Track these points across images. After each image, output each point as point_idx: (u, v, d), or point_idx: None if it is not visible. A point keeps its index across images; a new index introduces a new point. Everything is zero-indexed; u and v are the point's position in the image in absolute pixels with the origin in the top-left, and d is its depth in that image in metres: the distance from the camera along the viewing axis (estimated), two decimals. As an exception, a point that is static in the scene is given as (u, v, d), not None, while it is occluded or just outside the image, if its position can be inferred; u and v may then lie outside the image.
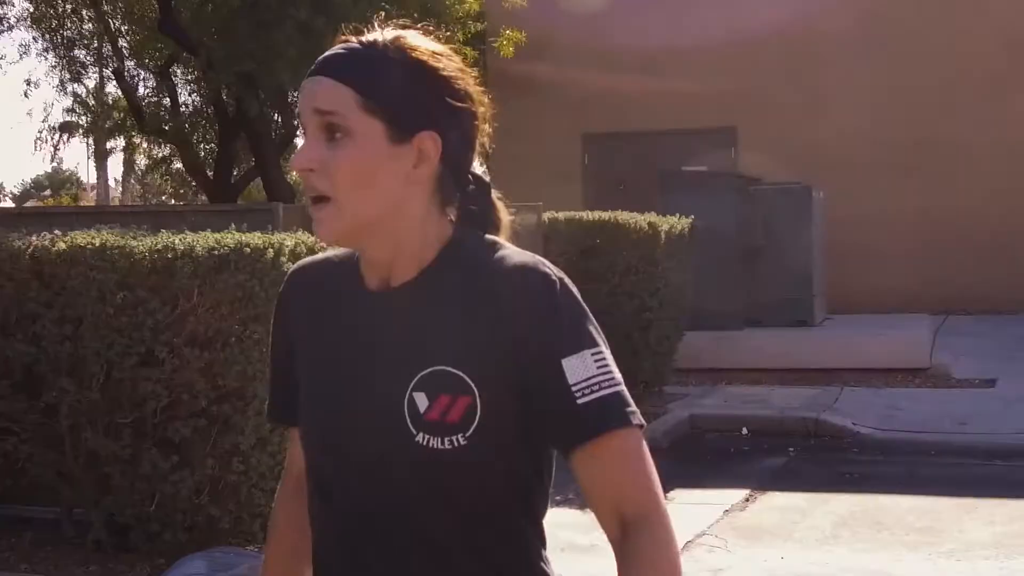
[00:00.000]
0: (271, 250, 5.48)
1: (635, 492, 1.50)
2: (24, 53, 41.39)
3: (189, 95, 18.61)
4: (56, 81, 17.95)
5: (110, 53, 17.53)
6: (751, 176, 14.17)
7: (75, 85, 18.37)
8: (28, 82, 36.80)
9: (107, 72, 18.62)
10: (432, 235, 1.58)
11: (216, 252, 5.41)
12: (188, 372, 5.41)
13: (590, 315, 1.55)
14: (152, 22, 15.98)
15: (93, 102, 19.96)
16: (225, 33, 11.51)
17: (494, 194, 1.67)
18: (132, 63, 17.70)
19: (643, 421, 1.53)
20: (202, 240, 5.46)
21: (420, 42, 1.58)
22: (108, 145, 21.88)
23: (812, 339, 12.73)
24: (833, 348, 12.39)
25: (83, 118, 20.01)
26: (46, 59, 18.63)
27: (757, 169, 14.75)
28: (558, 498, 7.56)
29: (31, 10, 17.57)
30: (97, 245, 5.42)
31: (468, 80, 1.60)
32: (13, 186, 63.85)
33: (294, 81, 11.17)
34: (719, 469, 8.76)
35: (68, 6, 17.46)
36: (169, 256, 5.37)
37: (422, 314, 1.55)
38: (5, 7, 17.24)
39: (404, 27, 1.62)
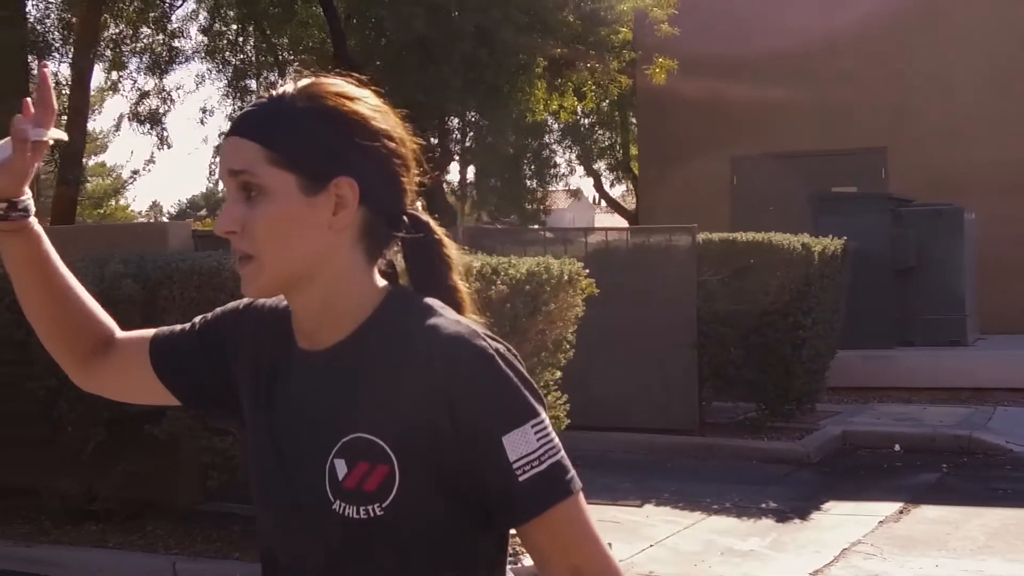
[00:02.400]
0: (461, 270, 6.01)
1: (589, 557, 1.47)
2: (200, 83, 44.14)
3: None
4: (228, 109, 18.90)
5: (278, 81, 18.49)
6: (902, 197, 14.31)
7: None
8: (203, 110, 38.92)
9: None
10: (361, 293, 1.53)
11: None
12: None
13: (530, 381, 1.48)
14: (317, 52, 16.88)
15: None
16: (395, 65, 12.21)
17: (439, 233, 1.61)
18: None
19: (580, 484, 1.48)
20: (397, 262, 6.03)
21: (332, 87, 1.53)
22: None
23: (964, 358, 12.82)
24: (986, 367, 12.48)
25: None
26: (218, 89, 19.69)
27: (906, 190, 14.86)
28: (715, 507, 7.95)
29: (205, 43, 18.70)
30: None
31: (388, 120, 1.55)
32: (170, 206, 66.44)
33: (457, 110, 11.80)
34: (872, 483, 9.02)
35: (240, 38, 18.53)
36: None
37: (347, 379, 1.50)
38: (182, 40, 18.38)
39: (320, 74, 1.58)
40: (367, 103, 1.54)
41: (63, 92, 16.03)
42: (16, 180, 1.64)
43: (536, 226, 20.20)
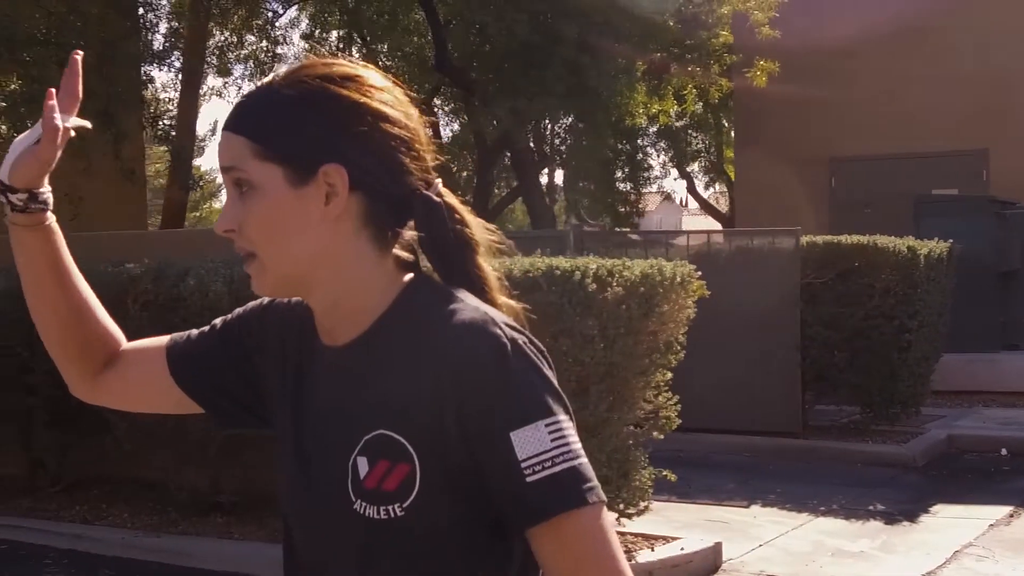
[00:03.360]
0: (578, 272, 6.16)
1: (592, 571, 1.34)
2: None
3: (444, 126, 19.78)
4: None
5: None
6: (1005, 199, 14.15)
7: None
8: None
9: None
10: (375, 286, 1.46)
11: (531, 274, 6.14)
12: (505, 379, 6.14)
13: (549, 379, 1.39)
14: (417, 59, 17.18)
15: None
16: (497, 71, 12.42)
17: (461, 212, 1.52)
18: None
19: (603, 497, 1.36)
20: (518, 264, 6.20)
21: (318, 70, 1.45)
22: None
23: (1071, 363, 12.67)
24: (1093, 372, 12.32)
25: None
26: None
27: (1008, 192, 14.69)
28: (822, 508, 7.99)
29: (307, 49, 19.09)
30: (429, 269, 6.22)
31: (384, 98, 1.46)
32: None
33: (559, 114, 11.98)
34: (980, 487, 8.99)
35: (340, 45, 18.88)
36: (490, 277, 6.13)
37: (367, 375, 1.44)
38: (285, 47, 18.82)
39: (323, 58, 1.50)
40: (358, 83, 1.45)
41: (172, 98, 16.53)
42: (41, 170, 1.56)
43: (628, 229, 20.27)
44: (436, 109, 18.62)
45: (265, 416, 1.62)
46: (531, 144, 16.31)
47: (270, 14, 18.02)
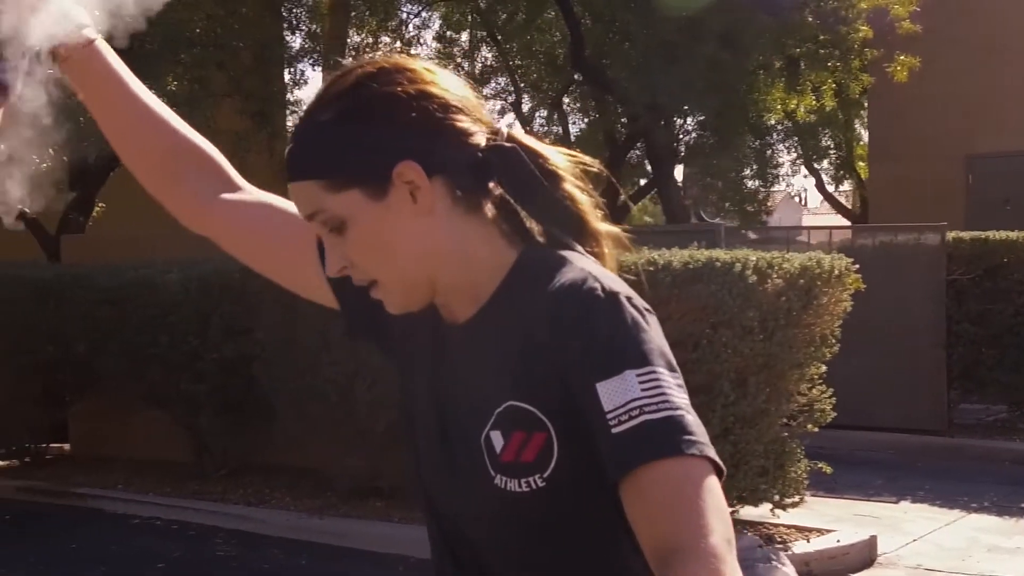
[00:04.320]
0: (738, 264, 6.25)
1: (671, 525, 1.21)
2: None
3: (572, 124, 19.92)
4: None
5: (509, 87, 19.12)
6: None
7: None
8: None
9: (505, 104, 20.23)
10: (485, 262, 1.43)
11: (691, 266, 6.25)
12: (663, 369, 6.25)
13: (649, 332, 1.31)
14: (547, 58, 17.36)
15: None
16: (638, 69, 12.52)
17: (539, 149, 1.45)
18: (527, 96, 19.18)
19: (708, 453, 1.24)
20: (678, 256, 6.32)
21: (343, 83, 1.41)
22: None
23: None
24: None
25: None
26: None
27: None
28: (973, 505, 7.93)
29: (440, 49, 19.43)
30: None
31: (412, 77, 1.40)
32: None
33: (700, 110, 12.06)
34: None
35: (473, 45, 19.18)
36: (651, 268, 6.26)
37: (489, 349, 1.41)
38: (418, 48, 19.16)
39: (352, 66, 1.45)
40: (386, 77, 1.40)
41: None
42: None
43: (745, 226, 20.17)
44: (565, 108, 18.81)
45: (385, 347, 1.60)
46: (666, 141, 16.34)
47: (404, 15, 18.39)
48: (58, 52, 1.56)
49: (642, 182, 21.68)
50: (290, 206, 1.59)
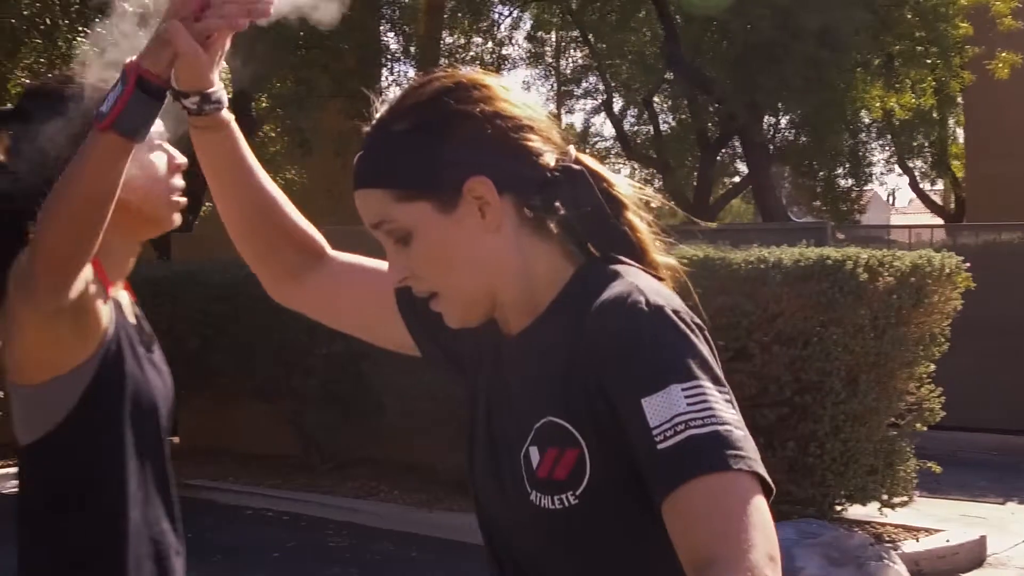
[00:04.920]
0: (849, 262, 6.26)
1: (710, 536, 1.19)
2: (526, 89, 45.83)
3: (663, 123, 19.89)
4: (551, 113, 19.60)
5: (599, 86, 19.19)
6: None
7: (568, 116, 20.09)
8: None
9: (595, 103, 20.30)
10: (546, 278, 1.43)
11: (801, 263, 6.27)
12: (775, 366, 6.30)
13: (695, 345, 1.29)
14: (638, 57, 17.37)
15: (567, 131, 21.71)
16: (735, 67, 12.52)
17: (605, 175, 1.46)
18: (618, 95, 19.23)
19: (753, 467, 1.22)
20: (788, 253, 6.34)
21: (419, 94, 1.42)
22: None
23: None
24: None
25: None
26: (541, 93, 20.58)
27: None
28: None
29: (530, 49, 19.55)
30: (702, 256, 6.43)
31: (491, 94, 1.40)
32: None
33: (798, 108, 12.03)
34: None
35: (563, 44, 19.27)
36: (762, 266, 6.29)
37: (538, 361, 1.41)
38: (510, 47, 19.32)
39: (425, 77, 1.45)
40: (463, 91, 1.39)
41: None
42: (201, 70, 1.51)
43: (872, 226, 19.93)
44: (656, 107, 18.80)
45: (459, 373, 1.60)
46: (763, 139, 16.28)
47: (496, 16, 18.55)
48: (195, 123, 1.58)
49: (731, 181, 21.63)
50: (375, 265, 1.65)
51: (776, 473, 6.41)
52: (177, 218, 2.03)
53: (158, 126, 1.92)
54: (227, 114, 1.61)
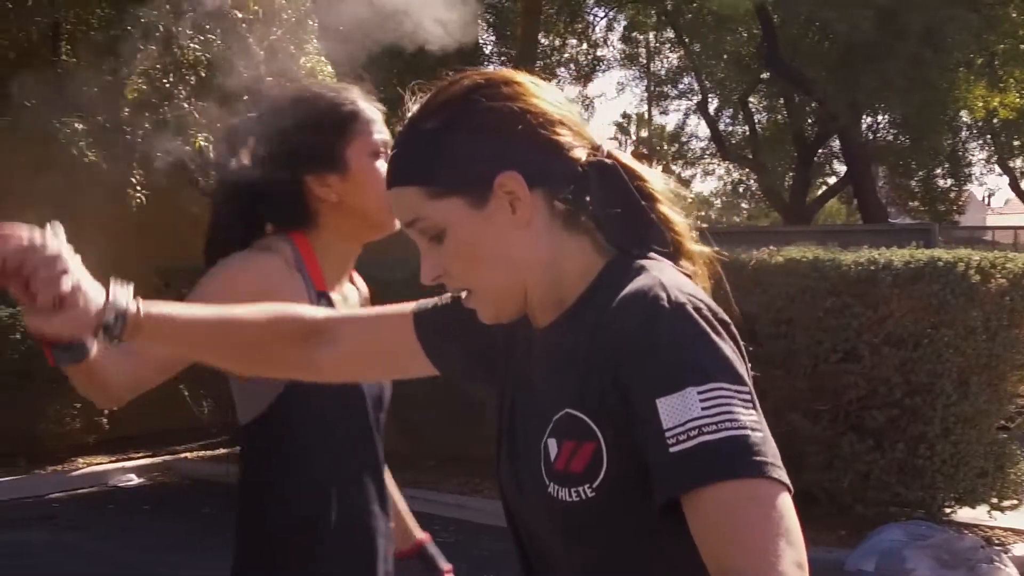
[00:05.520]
0: (961, 264, 6.24)
1: (732, 549, 1.18)
2: (620, 90, 45.78)
3: (758, 123, 19.78)
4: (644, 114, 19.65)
5: (694, 86, 19.18)
6: None
7: (663, 117, 20.07)
8: (624, 115, 40.30)
9: (690, 104, 20.27)
10: (576, 271, 1.43)
11: (912, 265, 6.26)
12: (885, 368, 6.30)
13: (716, 345, 1.27)
14: (735, 56, 17.33)
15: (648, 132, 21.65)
16: (837, 67, 12.46)
17: (637, 169, 1.45)
18: (713, 96, 19.18)
19: (769, 472, 1.20)
20: (898, 255, 6.34)
21: (448, 93, 1.42)
22: (687, 173, 23.63)
23: None
24: None
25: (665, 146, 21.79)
26: (635, 94, 20.58)
27: None
28: None
29: (626, 51, 19.61)
30: (811, 258, 6.45)
31: (521, 90, 1.41)
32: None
33: (901, 108, 11.94)
34: None
35: (657, 45, 19.29)
36: (872, 268, 6.29)
37: (559, 355, 1.41)
38: (605, 49, 19.39)
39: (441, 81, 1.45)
40: (492, 88, 1.40)
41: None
42: (68, 327, 1.52)
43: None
44: (751, 107, 18.73)
45: (494, 369, 1.59)
46: (864, 139, 16.14)
47: (591, 18, 18.63)
48: (115, 338, 1.54)
49: (823, 182, 21.43)
50: (382, 312, 1.68)
51: (885, 475, 6.44)
52: (398, 223, 2.10)
53: (384, 135, 2.08)
54: (95, 347, 1.66)
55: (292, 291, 1.98)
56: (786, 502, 1.20)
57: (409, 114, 1.43)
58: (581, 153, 1.40)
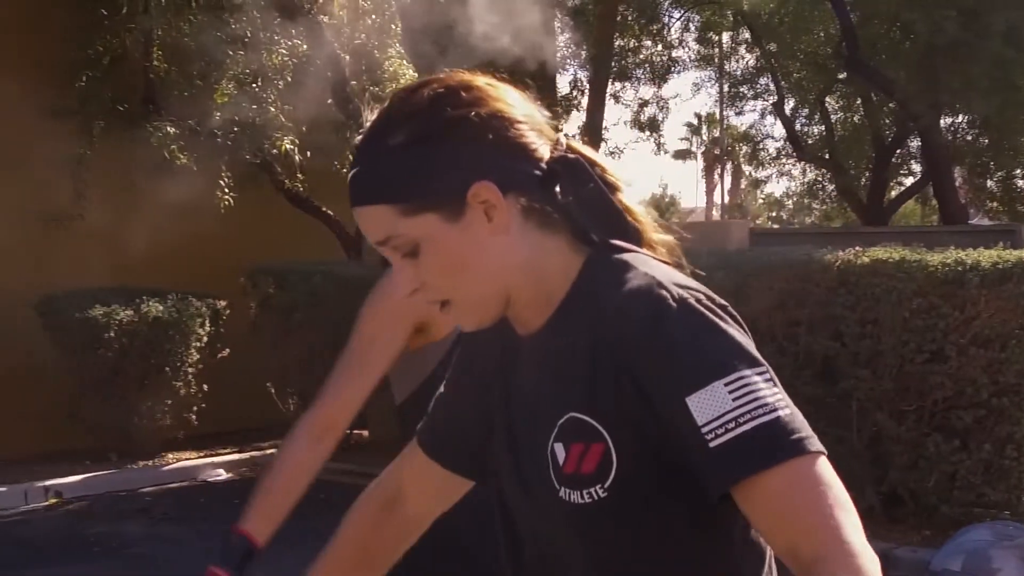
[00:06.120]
0: (1049, 265, 6.24)
1: (810, 533, 1.21)
2: (696, 91, 45.99)
3: (835, 124, 19.65)
4: (718, 115, 19.60)
5: (770, 86, 19.09)
6: None
7: (738, 117, 20.01)
8: (698, 116, 40.15)
9: (766, 105, 20.20)
10: (556, 272, 1.42)
11: (1000, 266, 6.26)
12: (971, 368, 6.31)
13: (729, 334, 1.30)
14: (811, 57, 17.24)
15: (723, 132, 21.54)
16: (919, 68, 12.40)
17: (597, 159, 1.45)
18: (790, 96, 19.08)
19: (806, 446, 1.24)
20: (985, 256, 6.34)
21: (411, 104, 1.40)
22: (761, 174, 23.57)
23: None
24: None
25: (738, 146, 21.70)
26: (710, 95, 20.58)
27: None
28: None
29: (700, 52, 19.61)
30: (897, 259, 6.48)
31: (482, 95, 1.39)
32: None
33: (984, 109, 11.86)
34: None
35: (732, 46, 19.26)
36: (959, 269, 6.30)
37: (554, 359, 1.41)
38: (679, 50, 19.39)
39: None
40: (454, 96, 1.38)
41: (578, 100, 17.46)
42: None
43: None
44: (828, 107, 18.61)
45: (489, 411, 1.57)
46: (945, 140, 16.00)
47: (666, 18, 18.65)
48: None
49: (897, 182, 21.23)
50: (401, 467, 1.69)
51: (971, 475, 6.44)
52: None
53: None
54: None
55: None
56: (827, 469, 1.24)
57: (368, 128, 1.42)
58: (545, 151, 1.40)
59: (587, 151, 1.44)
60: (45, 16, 9.50)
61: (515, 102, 1.41)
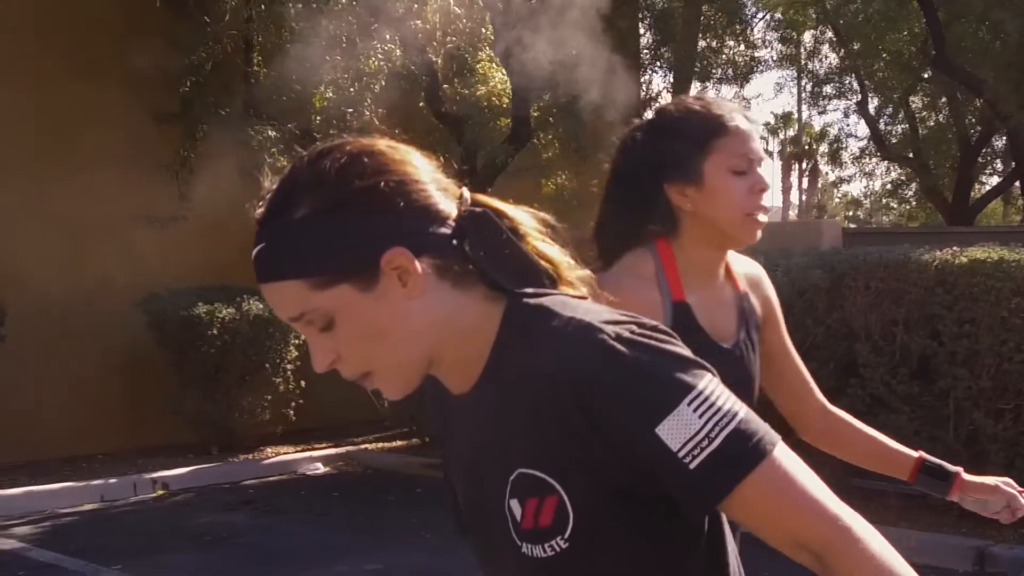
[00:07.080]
0: None
1: (806, 523, 1.28)
2: (779, 91, 45.83)
3: (919, 124, 19.52)
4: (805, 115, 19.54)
5: (853, 85, 19.02)
6: None
7: (821, 117, 19.89)
8: (775, 116, 39.88)
9: (849, 104, 20.11)
10: (476, 328, 1.40)
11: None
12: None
13: (672, 352, 1.31)
14: (895, 56, 17.13)
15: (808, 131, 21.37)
16: (1008, 68, 12.32)
17: (503, 209, 1.45)
18: (873, 95, 19.00)
19: (771, 441, 1.30)
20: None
21: (312, 176, 1.37)
22: (844, 173, 23.43)
23: None
24: None
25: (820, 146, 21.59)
26: (792, 95, 20.52)
27: None
28: None
29: (783, 51, 19.56)
30: (996, 259, 6.51)
31: (382, 161, 1.38)
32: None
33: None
34: None
35: (815, 45, 19.19)
36: (1059, 269, 6.33)
37: (495, 416, 1.40)
38: (764, 50, 19.37)
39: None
40: (353, 166, 1.36)
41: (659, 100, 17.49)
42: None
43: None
44: (913, 107, 18.49)
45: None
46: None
47: (749, 17, 18.63)
48: None
49: (987, 181, 21.01)
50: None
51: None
52: (757, 234, 2.20)
53: (755, 149, 2.17)
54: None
55: (647, 307, 2.02)
56: (788, 456, 1.30)
57: (268, 201, 1.37)
58: (452, 208, 1.39)
59: (493, 202, 1.44)
60: (150, 25, 9.81)
61: (419, 164, 1.40)
